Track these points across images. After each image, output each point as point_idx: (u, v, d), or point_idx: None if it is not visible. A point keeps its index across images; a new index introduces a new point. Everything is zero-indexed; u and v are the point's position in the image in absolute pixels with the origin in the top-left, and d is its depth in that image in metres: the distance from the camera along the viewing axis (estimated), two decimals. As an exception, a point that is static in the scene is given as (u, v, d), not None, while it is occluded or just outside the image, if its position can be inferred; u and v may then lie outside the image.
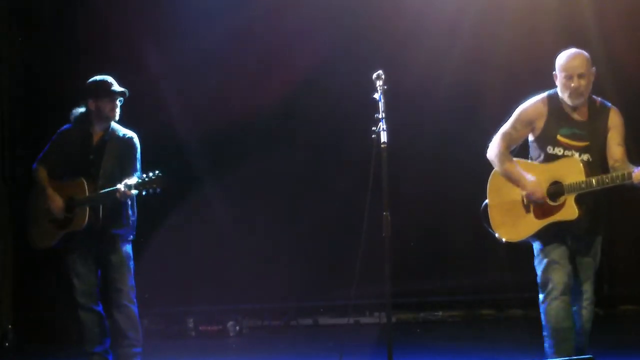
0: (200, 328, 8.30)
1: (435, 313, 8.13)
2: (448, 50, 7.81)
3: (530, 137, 5.33)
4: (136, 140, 6.09)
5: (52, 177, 6.07)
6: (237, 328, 8.23)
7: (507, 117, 5.80)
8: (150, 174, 5.73)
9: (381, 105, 5.10)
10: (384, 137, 5.04)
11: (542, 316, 5.20)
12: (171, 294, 8.24)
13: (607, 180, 4.97)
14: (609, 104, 5.27)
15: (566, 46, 8.01)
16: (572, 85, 5.13)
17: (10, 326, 8.05)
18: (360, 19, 8.14)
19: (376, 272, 5.22)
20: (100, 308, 6.08)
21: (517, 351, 6.51)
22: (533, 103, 5.30)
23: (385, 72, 5.19)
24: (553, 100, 5.25)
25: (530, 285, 8.15)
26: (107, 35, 8.26)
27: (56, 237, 6.01)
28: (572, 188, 5.04)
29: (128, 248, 6.10)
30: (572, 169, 5.07)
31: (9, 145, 8.22)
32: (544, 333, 5.20)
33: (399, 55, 7.89)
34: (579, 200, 5.05)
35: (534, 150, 5.33)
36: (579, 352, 5.20)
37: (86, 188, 5.89)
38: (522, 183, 5.17)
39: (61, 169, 6.08)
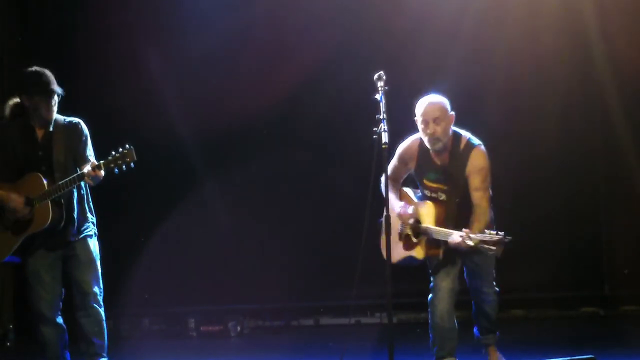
0: (201, 328, 8.29)
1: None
2: (449, 51, 7.81)
3: (412, 172, 5.68)
4: (83, 125, 5.50)
5: (1, 180, 5.39)
6: (238, 328, 8.22)
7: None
8: (120, 149, 5.19)
9: (382, 106, 5.11)
10: (385, 138, 5.04)
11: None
12: (172, 294, 8.24)
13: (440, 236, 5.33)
14: (475, 143, 5.49)
15: (566, 46, 8.10)
16: (428, 131, 5.38)
17: (11, 326, 8.06)
18: (361, 19, 8.14)
19: (377, 272, 5.23)
20: (61, 320, 5.50)
21: (517, 351, 6.50)
22: (408, 144, 5.63)
23: (386, 73, 5.20)
24: (423, 143, 5.52)
25: (531, 286, 8.21)
26: (108, 36, 8.26)
27: (14, 244, 5.32)
28: (424, 231, 5.42)
29: (95, 245, 5.52)
30: (428, 213, 5.43)
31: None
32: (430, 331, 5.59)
33: (400, 56, 7.88)
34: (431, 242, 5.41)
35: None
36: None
37: (44, 182, 5.27)
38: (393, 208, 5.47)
39: (8, 170, 5.41)
